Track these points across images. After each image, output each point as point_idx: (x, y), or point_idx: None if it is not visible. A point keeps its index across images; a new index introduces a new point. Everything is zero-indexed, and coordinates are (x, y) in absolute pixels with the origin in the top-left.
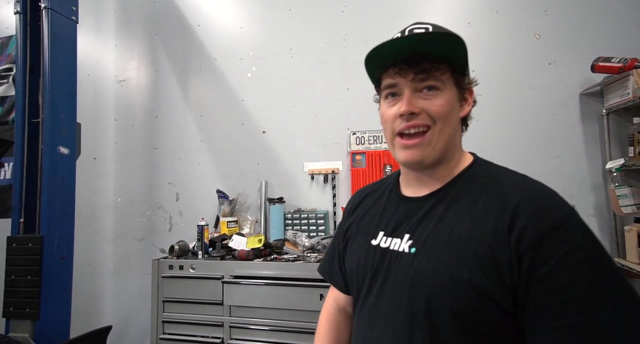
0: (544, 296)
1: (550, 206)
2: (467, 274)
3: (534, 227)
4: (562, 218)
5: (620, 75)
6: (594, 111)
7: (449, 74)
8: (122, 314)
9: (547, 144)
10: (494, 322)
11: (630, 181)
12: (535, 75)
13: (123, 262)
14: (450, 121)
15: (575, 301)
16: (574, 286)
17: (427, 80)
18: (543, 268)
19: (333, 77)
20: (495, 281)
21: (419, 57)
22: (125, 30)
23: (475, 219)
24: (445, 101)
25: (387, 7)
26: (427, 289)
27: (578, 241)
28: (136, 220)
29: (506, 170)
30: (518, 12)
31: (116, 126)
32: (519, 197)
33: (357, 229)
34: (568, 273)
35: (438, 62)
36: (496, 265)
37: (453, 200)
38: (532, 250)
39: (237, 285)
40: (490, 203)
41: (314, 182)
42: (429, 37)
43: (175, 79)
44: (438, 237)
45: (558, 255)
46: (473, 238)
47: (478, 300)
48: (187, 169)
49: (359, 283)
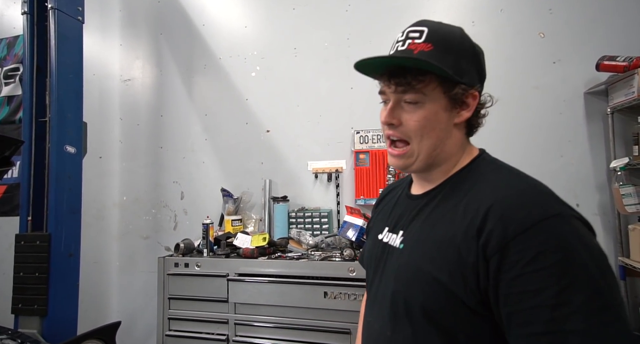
0: (513, 301)
1: (525, 207)
2: (435, 272)
3: (501, 230)
4: (535, 220)
5: (626, 74)
6: (599, 109)
7: (435, 84)
8: (128, 311)
9: (552, 143)
10: (463, 322)
11: (634, 180)
12: (540, 75)
13: (129, 260)
14: (431, 133)
15: (543, 309)
16: (542, 293)
17: (407, 93)
18: (509, 273)
19: (337, 76)
20: (459, 282)
21: (402, 70)
22: (131, 30)
23: (452, 220)
24: (423, 116)
25: (391, 6)
26: (405, 282)
27: (551, 244)
28: (142, 218)
29: (500, 169)
30: (522, 11)
31: (122, 125)
32: (493, 199)
33: (374, 223)
34: (536, 279)
35: (422, 74)
36: (462, 267)
37: (442, 199)
38: (498, 254)
39: (242, 283)
40: (470, 205)
41: (318, 181)
42: (404, 58)
43: (180, 78)
44: (420, 235)
45: (526, 259)
46: (446, 239)
47: (444, 297)
48: (192, 167)
49: (368, 274)
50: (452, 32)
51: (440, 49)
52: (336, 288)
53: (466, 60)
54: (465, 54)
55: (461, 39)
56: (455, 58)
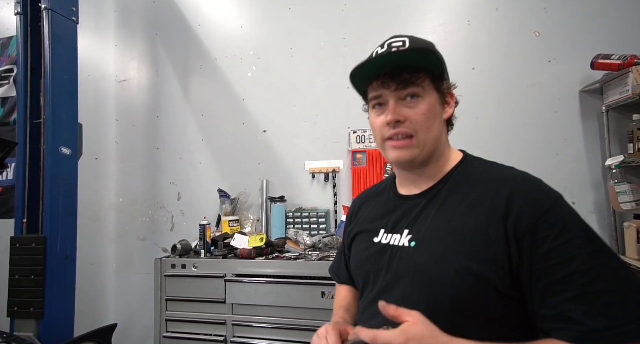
0: (548, 273)
1: (541, 191)
2: (465, 262)
3: (528, 211)
4: (552, 201)
5: (620, 72)
6: (594, 108)
7: (428, 81)
8: (125, 313)
9: (548, 141)
10: (493, 309)
11: (629, 178)
12: (535, 73)
13: (125, 261)
14: (433, 125)
15: (577, 275)
16: (573, 261)
17: (408, 87)
18: (542, 248)
19: (333, 76)
20: (492, 267)
21: (399, 69)
22: (125, 31)
23: (470, 211)
24: (427, 108)
25: (386, 6)
26: (428, 279)
27: (568, 220)
28: (138, 220)
29: (494, 164)
30: (518, 10)
31: (117, 126)
32: (511, 186)
33: (360, 229)
34: (566, 249)
35: (417, 72)
36: (493, 251)
37: (448, 195)
38: (530, 232)
39: (239, 283)
40: (483, 195)
41: (315, 181)
42: (403, 53)
43: (176, 78)
44: (436, 230)
45: (554, 234)
46: (469, 228)
47: (477, 287)
48: (189, 168)
49: (364, 279)
50: (428, 41)
51: (426, 51)
52: (333, 287)
53: (443, 64)
54: (441, 58)
55: (434, 46)
56: (437, 59)
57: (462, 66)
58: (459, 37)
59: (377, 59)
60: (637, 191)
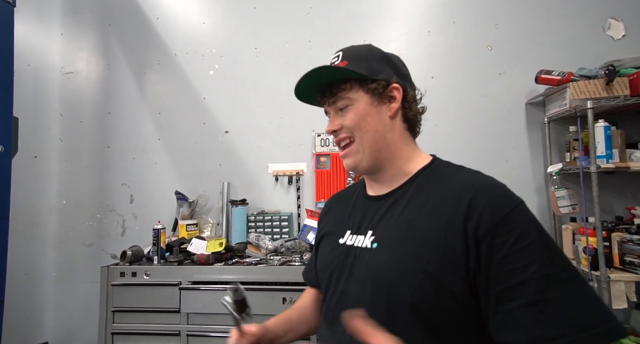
0: (504, 278)
1: (502, 196)
2: (423, 264)
3: (489, 215)
4: (512, 206)
5: (560, 87)
6: (538, 119)
7: (357, 88)
8: (65, 327)
9: (499, 148)
10: (450, 316)
11: (567, 184)
12: (488, 84)
13: (67, 270)
14: (367, 126)
15: (531, 282)
16: (529, 267)
17: (336, 102)
18: (500, 253)
19: (298, 78)
20: (448, 270)
21: (329, 86)
22: (73, 18)
23: (431, 213)
24: (355, 113)
25: (351, 12)
26: (387, 281)
27: (528, 226)
28: (84, 224)
29: (461, 168)
30: (472, 24)
31: (62, 121)
32: (473, 190)
33: (327, 231)
34: (522, 256)
35: (343, 83)
36: (450, 254)
37: (412, 196)
38: (489, 236)
39: (196, 291)
40: (446, 197)
41: (278, 184)
42: (321, 71)
43: (131, 73)
44: (398, 232)
45: (512, 239)
46: (429, 230)
47: (434, 291)
48: (143, 169)
49: (327, 281)
50: (361, 47)
51: (353, 61)
52: (295, 293)
53: (376, 62)
54: (375, 57)
55: (369, 49)
56: (366, 63)
57: (422, 75)
58: (420, 47)
59: (303, 79)
60: (574, 196)
